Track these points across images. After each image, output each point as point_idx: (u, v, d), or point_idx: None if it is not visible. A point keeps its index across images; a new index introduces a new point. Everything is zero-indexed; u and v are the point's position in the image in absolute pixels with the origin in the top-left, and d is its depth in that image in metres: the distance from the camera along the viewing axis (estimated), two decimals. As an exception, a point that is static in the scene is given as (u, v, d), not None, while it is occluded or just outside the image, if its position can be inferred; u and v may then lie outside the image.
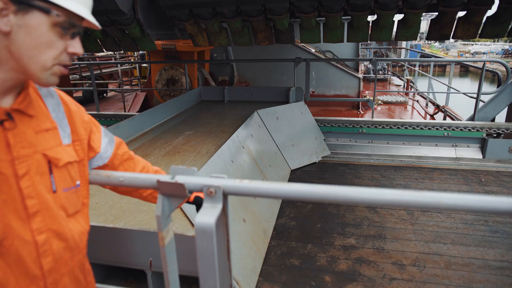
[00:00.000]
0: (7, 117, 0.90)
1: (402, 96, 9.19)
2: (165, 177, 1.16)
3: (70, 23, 0.88)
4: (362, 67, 11.26)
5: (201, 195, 1.44)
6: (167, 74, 7.45)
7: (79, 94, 10.30)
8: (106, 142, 1.25)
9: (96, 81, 7.61)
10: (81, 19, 0.90)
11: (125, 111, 8.13)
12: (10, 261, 0.89)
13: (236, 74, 8.59)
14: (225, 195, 1.17)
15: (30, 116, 0.96)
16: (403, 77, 11.13)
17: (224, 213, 1.19)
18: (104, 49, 3.79)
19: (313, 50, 8.25)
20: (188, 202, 1.33)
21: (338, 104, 8.20)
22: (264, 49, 7.60)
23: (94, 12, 1.00)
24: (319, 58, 7.90)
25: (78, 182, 1.09)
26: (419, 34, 3.39)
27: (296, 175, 4.48)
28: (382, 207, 3.61)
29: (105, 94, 11.14)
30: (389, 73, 12.61)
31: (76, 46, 0.91)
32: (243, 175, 3.12)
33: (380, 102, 8.77)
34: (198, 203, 1.46)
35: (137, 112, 7.85)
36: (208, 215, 1.10)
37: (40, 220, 0.94)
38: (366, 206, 3.67)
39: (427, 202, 1.05)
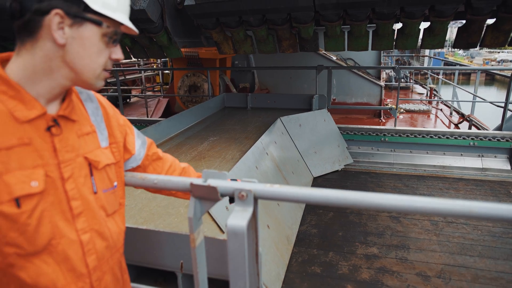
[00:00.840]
0: (54, 123, 0.95)
1: (425, 104, 9.03)
2: (197, 181, 1.20)
3: (115, 32, 0.95)
4: (383, 74, 11.14)
5: None
6: (189, 80, 7.58)
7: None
8: (140, 144, 1.29)
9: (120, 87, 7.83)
10: (122, 26, 0.97)
11: (147, 117, 8.30)
12: (58, 259, 0.94)
13: (257, 81, 8.66)
14: (256, 199, 1.20)
15: (73, 121, 1.01)
16: (426, 85, 10.94)
17: (254, 217, 1.22)
18: (132, 56, 3.91)
19: (334, 58, 8.24)
20: None
21: (359, 112, 8.12)
22: (285, 56, 7.65)
23: (125, 21, 1.09)
24: (341, 66, 7.88)
25: (115, 183, 1.14)
26: (443, 42, 3.35)
27: (318, 183, 4.46)
28: (411, 214, 3.55)
29: (128, 100, 11.41)
30: (411, 81, 12.42)
31: (118, 52, 0.98)
32: (267, 181, 3.14)
33: (402, 110, 8.64)
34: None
35: (159, 117, 8.01)
36: (239, 218, 1.12)
37: (83, 221, 0.99)
38: (391, 214, 3.62)
39: (457, 210, 1.04)
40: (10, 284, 0.90)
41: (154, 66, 13.13)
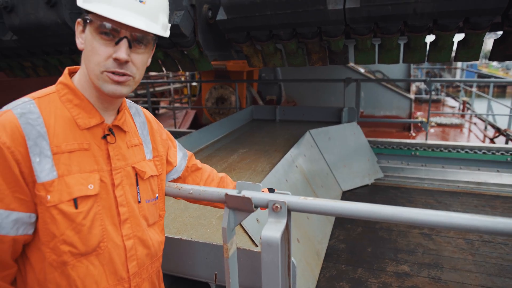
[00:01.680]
0: (109, 132, 1.01)
1: (458, 118, 8.75)
2: (232, 191, 1.22)
3: (112, 29, 0.90)
4: (413, 87, 10.91)
5: None
6: (217, 93, 7.71)
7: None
8: (181, 156, 1.35)
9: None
10: (126, 25, 0.90)
11: (175, 128, 8.49)
12: (104, 261, 0.98)
13: (284, 94, 8.69)
14: (289, 211, 1.20)
15: (125, 132, 1.08)
16: (459, 98, 10.61)
17: (287, 229, 1.23)
18: (164, 69, 4.03)
19: (362, 70, 8.16)
20: None
21: (388, 125, 7.96)
22: (312, 69, 7.64)
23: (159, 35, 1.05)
24: (369, 79, 7.79)
25: (157, 195, 1.19)
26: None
27: (346, 197, 4.39)
28: (443, 232, 3.43)
29: (156, 111, 11.73)
30: (442, 93, 12.08)
31: (119, 52, 0.92)
32: (297, 194, 3.12)
33: (433, 124, 8.41)
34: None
35: (187, 128, 8.17)
36: (274, 230, 1.13)
37: (128, 227, 1.04)
38: (423, 231, 3.50)
39: (498, 228, 1.00)
40: (61, 283, 0.95)
41: (183, 78, 13.46)
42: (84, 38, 0.95)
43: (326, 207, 1.15)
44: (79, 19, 0.96)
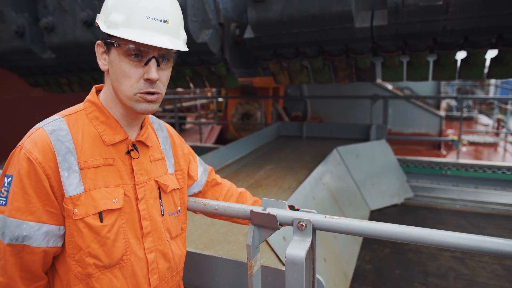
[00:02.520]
0: (133, 148, 1.05)
1: (492, 136, 8.40)
2: (257, 208, 1.22)
3: (138, 50, 0.93)
4: (444, 104, 10.61)
5: None
6: (243, 108, 7.79)
7: (162, 125, 11.21)
8: (202, 171, 1.37)
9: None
10: (154, 46, 0.92)
11: (200, 142, 8.62)
12: (127, 274, 1.00)
13: (310, 110, 8.67)
14: (314, 230, 1.19)
15: (148, 146, 1.12)
16: (492, 115, 10.21)
17: (312, 248, 1.21)
18: (192, 86, 4.14)
19: (390, 87, 8.04)
20: None
21: (416, 143, 7.74)
22: (339, 85, 7.59)
23: (188, 53, 1.09)
24: (397, 96, 7.64)
25: (179, 208, 1.21)
26: None
27: (373, 217, 4.27)
28: (478, 256, 3.26)
29: (182, 126, 11.97)
30: (475, 111, 11.67)
31: (149, 72, 0.94)
32: (324, 212, 3.06)
33: (465, 142, 8.11)
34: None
35: (212, 143, 8.28)
36: (298, 248, 1.12)
37: (150, 240, 1.06)
38: (455, 254, 3.34)
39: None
40: None
41: (209, 94, 13.72)
42: (108, 60, 0.98)
43: (352, 227, 1.13)
44: (99, 42, 1.00)
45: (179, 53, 1.01)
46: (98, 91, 1.08)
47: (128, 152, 1.04)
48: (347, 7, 2.57)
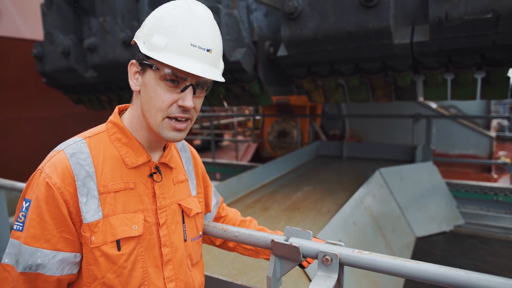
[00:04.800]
0: (156, 171, 1.01)
1: (550, 159, 7.67)
2: (279, 238, 1.13)
3: (175, 76, 0.89)
4: (494, 123, 9.91)
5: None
6: (279, 127, 7.74)
7: (198, 142, 11.44)
8: (215, 203, 1.31)
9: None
10: (193, 74, 0.88)
11: (236, 160, 8.63)
12: None
13: (348, 128, 8.43)
14: (341, 265, 1.07)
15: (171, 168, 1.07)
16: (550, 137, 9.38)
17: (339, 285, 1.09)
18: (225, 104, 4.15)
19: (434, 105, 7.65)
20: (300, 266, 1.26)
21: (463, 166, 7.23)
22: (379, 103, 7.34)
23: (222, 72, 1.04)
24: (442, 115, 7.24)
25: (200, 233, 1.15)
26: None
27: (419, 244, 3.95)
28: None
29: (219, 143, 12.11)
30: (530, 131, 10.78)
31: (185, 99, 0.90)
32: (364, 239, 2.89)
33: (519, 165, 7.46)
34: None
35: (248, 161, 8.26)
36: (322, 285, 1.01)
37: (171, 269, 1.00)
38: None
39: None
40: None
41: (247, 112, 13.84)
42: (141, 81, 0.95)
43: (383, 264, 1.00)
44: (133, 61, 0.97)
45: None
46: (121, 111, 1.05)
47: (151, 175, 1.00)
48: (385, 23, 2.45)
